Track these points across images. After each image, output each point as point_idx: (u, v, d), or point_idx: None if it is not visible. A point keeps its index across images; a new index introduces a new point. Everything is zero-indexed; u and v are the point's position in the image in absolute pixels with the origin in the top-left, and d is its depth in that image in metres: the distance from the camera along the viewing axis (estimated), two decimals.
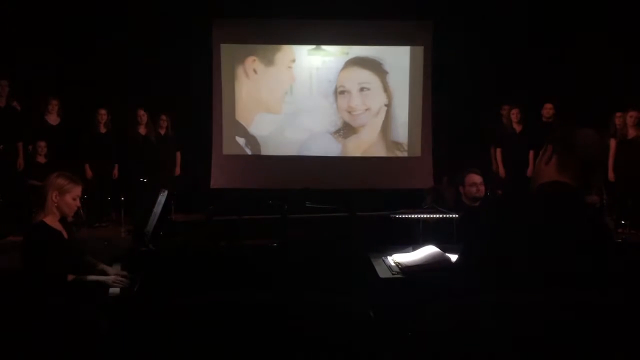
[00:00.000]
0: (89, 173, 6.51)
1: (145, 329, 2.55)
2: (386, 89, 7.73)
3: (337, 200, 4.19)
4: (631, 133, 6.12)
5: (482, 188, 3.84)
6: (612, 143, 6.20)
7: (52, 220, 2.90)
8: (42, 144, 6.33)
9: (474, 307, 1.46)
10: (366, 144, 7.80)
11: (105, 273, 2.93)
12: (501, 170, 6.79)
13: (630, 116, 6.10)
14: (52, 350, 2.66)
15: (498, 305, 1.47)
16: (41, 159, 6.34)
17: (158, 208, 3.22)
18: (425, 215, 3.44)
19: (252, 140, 7.77)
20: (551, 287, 1.54)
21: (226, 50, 7.66)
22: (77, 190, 2.93)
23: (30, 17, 6.88)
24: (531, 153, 6.51)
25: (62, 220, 2.97)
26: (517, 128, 6.77)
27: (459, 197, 3.94)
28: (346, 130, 7.77)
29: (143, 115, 6.72)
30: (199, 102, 7.54)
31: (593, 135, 1.76)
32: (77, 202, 2.95)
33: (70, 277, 2.79)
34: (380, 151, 7.80)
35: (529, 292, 1.50)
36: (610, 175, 6.18)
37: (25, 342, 2.67)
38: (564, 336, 1.47)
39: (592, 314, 1.47)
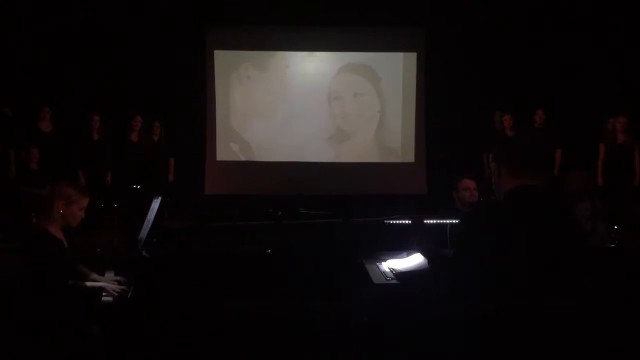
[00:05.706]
0: (82, 180, 6.49)
1: (138, 334, 2.55)
2: (379, 95, 7.76)
3: (331, 205, 4.19)
4: (620, 138, 6.17)
5: (476, 193, 3.86)
6: (602, 148, 6.25)
7: (54, 229, 2.84)
8: (35, 150, 6.30)
9: (467, 311, 1.47)
10: (360, 149, 7.81)
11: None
12: None
13: (620, 122, 6.15)
14: (44, 355, 2.65)
15: (493, 308, 1.48)
16: (33, 166, 6.31)
17: (151, 214, 3.22)
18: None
19: (245, 146, 7.77)
20: (541, 289, 1.55)
21: (220, 57, 7.66)
22: (84, 202, 2.87)
23: (24, 23, 6.86)
24: None
25: (63, 228, 2.92)
26: (510, 134, 6.81)
27: (452, 203, 3.96)
28: (340, 136, 7.78)
29: (139, 122, 6.71)
30: (193, 109, 7.54)
31: (526, 136, 1.81)
32: (82, 214, 2.88)
33: (70, 282, 2.79)
34: (373, 157, 7.81)
35: (521, 295, 1.52)
36: (600, 180, 6.22)
37: (18, 347, 2.66)
38: (557, 337, 1.48)
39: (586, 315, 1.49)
